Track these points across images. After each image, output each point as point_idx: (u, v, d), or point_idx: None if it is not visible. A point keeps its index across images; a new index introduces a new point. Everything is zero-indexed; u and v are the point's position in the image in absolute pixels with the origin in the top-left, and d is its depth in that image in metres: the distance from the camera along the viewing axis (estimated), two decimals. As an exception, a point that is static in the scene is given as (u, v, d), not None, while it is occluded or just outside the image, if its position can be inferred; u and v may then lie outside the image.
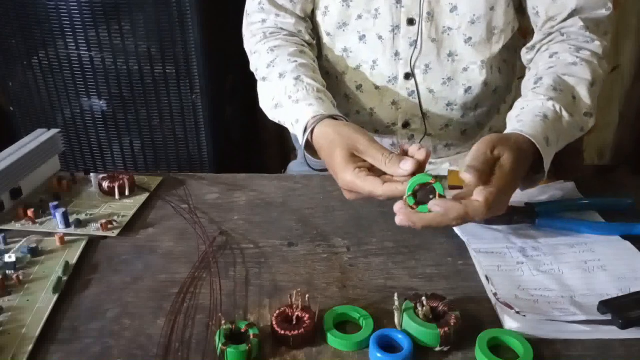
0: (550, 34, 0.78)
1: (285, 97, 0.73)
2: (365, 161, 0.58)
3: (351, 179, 0.57)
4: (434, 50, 0.81)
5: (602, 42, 0.76)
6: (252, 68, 0.84)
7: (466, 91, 0.83)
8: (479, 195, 0.51)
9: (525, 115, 0.65)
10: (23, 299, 0.51)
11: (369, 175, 0.56)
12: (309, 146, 0.68)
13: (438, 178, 0.53)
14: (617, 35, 1.56)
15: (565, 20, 0.77)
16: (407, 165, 0.54)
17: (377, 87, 0.85)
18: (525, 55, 0.81)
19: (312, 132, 0.66)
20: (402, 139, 0.88)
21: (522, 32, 0.87)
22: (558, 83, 0.69)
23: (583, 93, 0.70)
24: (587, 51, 0.74)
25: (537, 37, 0.80)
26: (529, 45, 0.80)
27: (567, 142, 0.68)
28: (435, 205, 0.52)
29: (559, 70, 0.72)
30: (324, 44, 0.87)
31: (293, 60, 0.77)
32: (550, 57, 0.75)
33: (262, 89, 0.81)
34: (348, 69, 0.85)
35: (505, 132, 0.63)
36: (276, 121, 0.78)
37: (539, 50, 0.79)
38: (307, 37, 0.85)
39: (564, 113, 0.66)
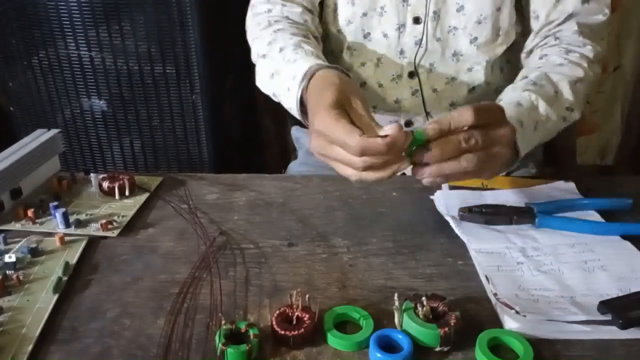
0: (546, 36, 0.79)
1: (283, 62, 0.71)
2: (348, 116, 0.55)
3: (329, 120, 0.53)
4: (439, 49, 0.81)
5: (595, 47, 0.77)
6: (253, 55, 0.82)
7: (469, 91, 0.83)
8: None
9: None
10: (23, 299, 0.51)
11: (349, 124, 0.53)
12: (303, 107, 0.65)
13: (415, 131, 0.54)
14: (618, 36, 1.57)
15: (561, 23, 0.78)
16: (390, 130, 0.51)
17: (380, 85, 0.85)
18: (524, 60, 0.82)
19: (309, 80, 0.63)
20: None
21: (522, 32, 0.87)
22: (540, 78, 0.71)
23: (565, 89, 0.71)
24: (576, 53, 0.75)
25: (534, 40, 0.80)
26: (526, 50, 0.81)
27: (549, 132, 0.69)
28: (428, 129, 0.53)
29: (545, 69, 0.73)
30: (331, 41, 0.87)
31: (296, 38, 0.75)
32: (540, 58, 0.77)
33: (260, 66, 0.78)
34: (352, 66, 0.85)
35: None
36: (270, 94, 0.76)
37: (532, 52, 0.80)
38: (313, 28, 0.83)
39: (540, 102, 0.67)
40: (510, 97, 0.67)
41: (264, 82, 0.77)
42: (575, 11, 0.77)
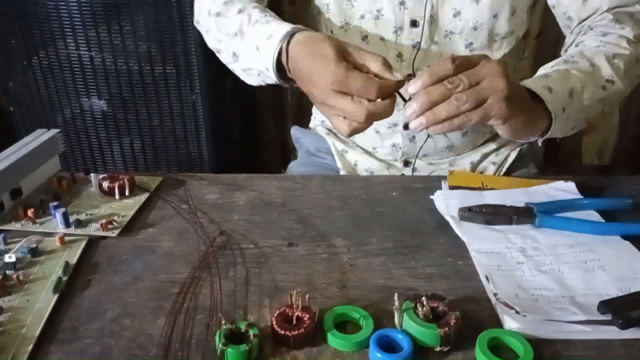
0: (580, 30, 0.79)
1: (249, 24, 0.71)
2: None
3: (345, 72, 0.58)
4: (436, 52, 0.81)
5: (635, 28, 0.76)
6: (201, 13, 0.80)
7: None
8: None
9: (527, 80, 0.67)
10: (23, 299, 0.51)
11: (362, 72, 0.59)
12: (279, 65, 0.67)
13: None
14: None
15: (596, 17, 0.78)
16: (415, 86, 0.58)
17: None
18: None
19: (288, 43, 0.65)
20: (404, 140, 0.88)
21: (524, 34, 0.87)
22: (572, 56, 0.71)
23: (602, 63, 0.70)
24: (614, 35, 0.75)
25: (571, 37, 0.81)
26: (565, 48, 0.82)
27: (590, 102, 0.68)
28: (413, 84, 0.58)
29: (580, 49, 0.73)
30: None
31: (258, 5, 0.75)
32: (576, 45, 0.77)
33: (213, 23, 0.76)
34: None
35: None
36: (228, 54, 0.76)
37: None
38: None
39: (573, 72, 0.67)
40: (537, 74, 0.68)
41: (220, 39, 0.76)
42: (611, 6, 0.77)
